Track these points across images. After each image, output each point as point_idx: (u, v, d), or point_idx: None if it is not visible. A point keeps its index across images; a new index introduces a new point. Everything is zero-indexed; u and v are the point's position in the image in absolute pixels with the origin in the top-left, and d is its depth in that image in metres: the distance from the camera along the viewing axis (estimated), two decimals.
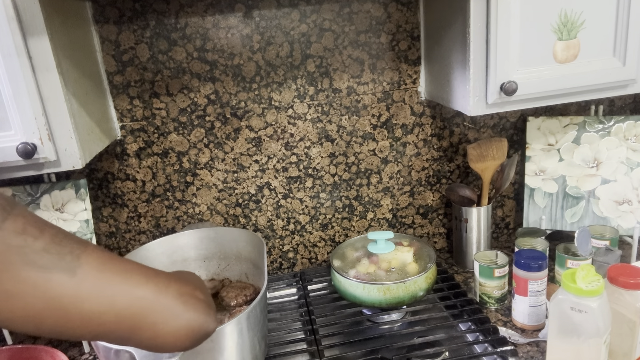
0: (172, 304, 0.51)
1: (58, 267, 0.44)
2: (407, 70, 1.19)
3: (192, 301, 0.53)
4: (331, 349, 0.98)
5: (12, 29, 0.75)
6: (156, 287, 0.50)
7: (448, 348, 0.94)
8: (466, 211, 1.20)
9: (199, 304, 0.54)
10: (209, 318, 0.54)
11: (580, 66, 0.94)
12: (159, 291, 0.50)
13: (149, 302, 0.49)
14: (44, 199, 1.07)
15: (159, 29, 1.07)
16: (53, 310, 0.44)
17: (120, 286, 0.48)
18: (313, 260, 1.31)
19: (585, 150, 1.20)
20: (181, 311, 0.51)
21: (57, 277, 0.44)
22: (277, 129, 1.18)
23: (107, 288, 0.47)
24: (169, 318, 0.50)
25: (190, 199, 1.19)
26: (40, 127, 0.80)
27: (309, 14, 1.11)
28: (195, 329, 0.53)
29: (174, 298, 0.51)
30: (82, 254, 0.46)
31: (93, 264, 0.47)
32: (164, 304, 0.50)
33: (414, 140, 1.25)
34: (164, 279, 0.52)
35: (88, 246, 0.48)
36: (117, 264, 0.49)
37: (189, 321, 0.52)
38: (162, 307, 0.50)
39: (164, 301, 0.50)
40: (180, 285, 0.53)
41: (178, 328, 0.51)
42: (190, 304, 0.53)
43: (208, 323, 0.54)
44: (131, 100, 1.10)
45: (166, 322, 0.50)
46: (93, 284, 0.46)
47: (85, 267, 0.46)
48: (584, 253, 1.03)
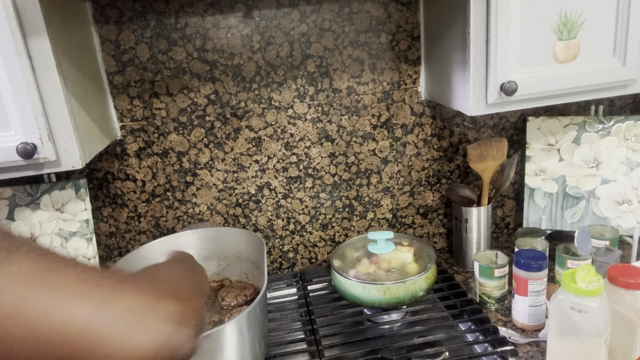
0: (113, 326, 0.39)
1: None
2: (407, 70, 1.19)
3: (148, 320, 0.41)
4: (331, 349, 0.98)
5: (12, 29, 0.75)
6: (95, 303, 0.39)
7: (448, 348, 0.94)
8: (466, 211, 1.20)
9: (159, 322, 0.41)
10: (175, 339, 0.41)
11: (580, 66, 0.94)
12: (97, 309, 0.39)
13: (84, 324, 0.38)
14: (44, 199, 1.07)
15: (159, 29, 1.07)
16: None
17: (49, 303, 0.38)
18: (313, 260, 1.31)
19: (585, 150, 1.20)
20: (129, 334, 0.40)
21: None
22: (277, 129, 1.18)
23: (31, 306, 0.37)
24: (112, 342, 0.39)
25: (190, 199, 1.19)
26: (40, 127, 0.80)
27: (309, 14, 1.11)
28: (151, 354, 0.40)
29: (117, 317, 0.40)
30: (5, 263, 0.38)
31: (16, 275, 0.38)
32: (103, 326, 0.39)
33: (414, 140, 1.25)
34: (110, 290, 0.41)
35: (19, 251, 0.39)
36: (50, 274, 0.39)
37: (140, 345, 0.40)
38: (101, 330, 0.39)
39: (104, 322, 0.39)
40: (133, 297, 0.41)
41: (125, 355, 0.39)
42: (144, 324, 0.40)
43: (172, 345, 0.41)
44: (131, 100, 1.10)
45: (108, 346, 0.39)
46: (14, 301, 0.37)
47: (7, 280, 0.37)
48: (584, 253, 1.03)
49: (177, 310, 0.43)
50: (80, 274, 0.41)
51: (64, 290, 0.39)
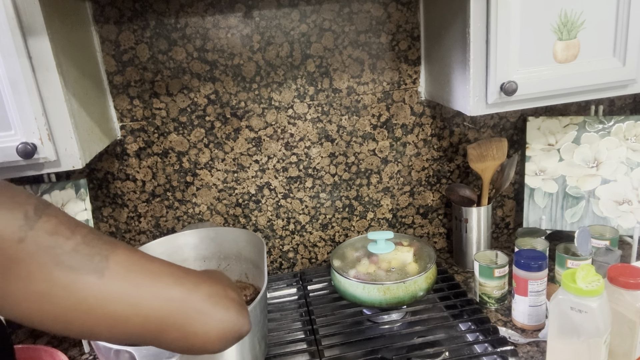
0: (201, 306, 0.49)
1: (86, 269, 0.44)
2: (407, 70, 1.19)
3: (223, 302, 0.51)
4: (331, 349, 0.98)
5: (12, 29, 0.75)
6: (185, 288, 0.49)
7: (448, 348, 0.94)
8: (466, 211, 1.20)
9: (231, 304, 0.52)
10: (241, 318, 0.52)
11: (580, 66, 0.94)
12: (187, 292, 0.49)
13: (178, 305, 0.48)
14: (44, 199, 1.07)
15: (159, 29, 1.07)
16: (81, 312, 0.44)
17: (147, 288, 0.47)
18: (313, 260, 1.31)
19: (585, 150, 1.20)
20: (212, 313, 0.50)
21: (84, 279, 0.43)
22: (277, 129, 1.18)
23: (134, 290, 0.46)
24: (199, 320, 0.49)
25: (190, 199, 1.19)
26: (40, 127, 0.80)
27: (309, 14, 1.11)
28: (227, 331, 0.51)
29: (203, 299, 0.50)
30: (111, 255, 0.46)
31: (121, 266, 0.46)
32: (193, 305, 0.49)
33: (414, 140, 1.25)
34: (194, 279, 0.51)
35: (118, 247, 0.47)
36: (145, 264, 0.48)
37: (220, 322, 0.50)
38: (191, 309, 0.49)
39: (193, 303, 0.49)
40: (210, 285, 0.52)
41: (208, 330, 0.49)
42: (221, 305, 0.51)
43: (241, 324, 0.52)
44: (131, 100, 1.10)
45: (196, 324, 0.49)
46: (120, 286, 0.45)
47: (113, 268, 0.45)
48: (584, 253, 1.03)
49: (237, 297, 0.54)
50: (166, 265, 0.51)
51: (162, 278, 0.49)
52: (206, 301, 0.50)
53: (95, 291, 0.44)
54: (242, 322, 0.52)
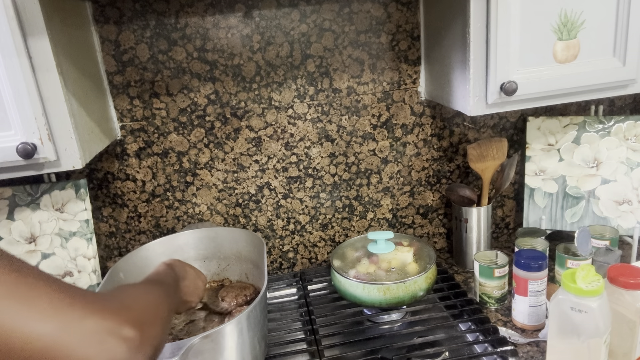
0: (79, 345, 0.42)
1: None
2: (407, 70, 1.19)
3: (110, 341, 0.43)
4: (331, 349, 0.98)
5: (12, 29, 0.75)
6: (61, 322, 0.42)
7: (448, 348, 0.94)
8: (466, 211, 1.20)
9: (120, 343, 0.44)
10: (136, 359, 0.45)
11: (580, 66, 0.94)
12: (64, 327, 0.42)
13: (49, 341, 0.41)
14: (44, 199, 1.07)
15: (159, 29, 1.07)
16: None
17: (18, 318, 0.40)
18: (313, 260, 1.31)
19: (585, 150, 1.20)
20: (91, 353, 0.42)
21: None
22: (277, 129, 1.18)
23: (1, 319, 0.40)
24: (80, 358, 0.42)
25: (190, 199, 1.19)
26: (40, 127, 0.80)
27: (309, 14, 1.11)
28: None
29: (84, 337, 0.42)
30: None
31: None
32: (69, 344, 0.42)
33: (414, 140, 1.25)
34: (80, 310, 0.43)
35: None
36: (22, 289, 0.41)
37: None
38: (65, 347, 0.41)
39: (69, 340, 0.42)
40: (100, 318, 0.44)
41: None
42: (106, 344, 0.43)
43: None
44: (131, 100, 1.10)
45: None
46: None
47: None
48: (584, 253, 1.03)
49: (135, 335, 0.46)
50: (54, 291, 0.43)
51: (35, 306, 0.41)
52: (87, 339, 0.43)
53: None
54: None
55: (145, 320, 0.49)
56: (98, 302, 0.46)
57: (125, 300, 0.51)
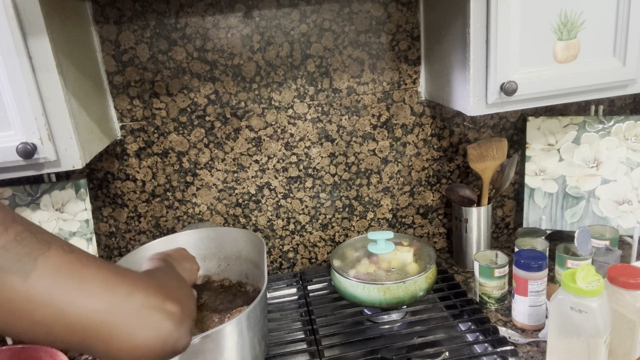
0: (129, 320, 0.46)
1: (12, 269, 0.42)
2: (407, 70, 1.19)
3: (156, 316, 0.47)
4: (331, 349, 0.98)
5: (12, 29, 0.75)
6: (114, 298, 0.46)
7: (448, 348, 0.94)
8: (466, 211, 1.20)
9: (165, 318, 0.48)
10: (175, 334, 0.48)
11: (580, 66, 0.94)
12: (116, 303, 0.46)
13: (103, 316, 0.45)
14: (44, 199, 1.07)
15: (159, 29, 1.07)
16: (6, 313, 0.42)
17: (73, 296, 0.44)
18: (313, 260, 1.31)
19: (585, 150, 1.20)
20: (140, 327, 0.46)
21: (10, 279, 0.42)
22: (277, 129, 1.18)
23: (59, 296, 0.43)
24: (125, 334, 0.45)
25: (190, 199, 1.19)
26: (40, 127, 0.80)
27: (309, 14, 1.11)
28: (156, 347, 0.47)
29: (133, 312, 0.46)
30: (40, 256, 0.43)
31: (49, 268, 0.43)
32: (120, 318, 0.45)
33: (414, 140, 1.25)
34: (127, 287, 0.47)
35: (51, 247, 0.44)
36: (77, 268, 0.45)
37: (148, 339, 0.46)
38: (118, 322, 0.45)
39: (121, 315, 0.45)
40: (146, 296, 0.48)
41: (135, 346, 0.46)
42: (153, 319, 0.47)
43: (175, 339, 0.48)
44: (131, 100, 1.10)
45: (122, 338, 0.45)
46: (44, 291, 0.43)
47: (40, 270, 0.43)
48: (584, 253, 1.03)
49: (177, 310, 0.50)
50: (102, 269, 0.47)
51: (89, 283, 0.45)
52: (136, 314, 0.46)
53: (19, 293, 0.42)
54: (176, 337, 0.49)
55: (182, 297, 0.53)
56: (142, 281, 0.50)
57: (162, 280, 0.55)
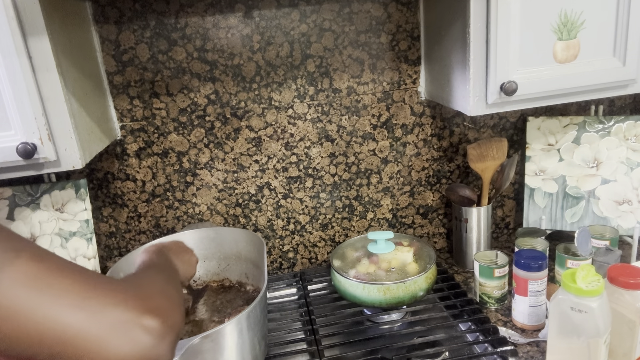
0: (102, 336, 0.43)
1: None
2: (407, 70, 1.19)
3: (133, 332, 0.44)
4: (331, 349, 0.98)
5: (12, 29, 0.75)
6: (85, 313, 0.43)
7: (448, 348, 0.94)
8: (466, 211, 1.20)
9: (143, 333, 0.45)
10: (154, 350, 0.45)
11: (580, 66, 0.94)
12: (88, 318, 0.43)
13: (74, 332, 0.42)
14: (44, 199, 1.07)
15: (159, 29, 1.07)
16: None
17: (42, 309, 0.41)
18: (313, 260, 1.31)
19: (585, 150, 1.20)
20: (115, 344, 0.43)
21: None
22: (277, 129, 1.18)
23: (26, 310, 0.41)
24: (98, 351, 0.43)
25: (190, 199, 1.19)
26: (40, 127, 0.80)
27: (309, 14, 1.11)
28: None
29: (107, 328, 0.43)
30: (7, 267, 0.41)
31: (16, 279, 0.41)
32: (92, 334, 0.43)
33: (414, 140, 1.25)
34: (102, 300, 0.44)
35: (21, 255, 0.42)
36: (47, 280, 0.43)
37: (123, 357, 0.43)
38: (89, 338, 0.42)
39: (93, 331, 0.43)
40: (123, 309, 0.45)
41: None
42: (129, 335, 0.44)
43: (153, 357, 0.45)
44: (131, 100, 1.10)
45: (92, 355, 0.43)
46: (11, 304, 0.40)
47: (6, 281, 0.40)
48: (584, 253, 1.03)
49: (157, 324, 0.46)
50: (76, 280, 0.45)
51: (63, 298, 0.43)
52: (110, 330, 0.44)
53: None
54: (156, 354, 0.45)
55: (165, 308, 0.49)
56: (120, 292, 0.47)
57: (144, 289, 0.51)
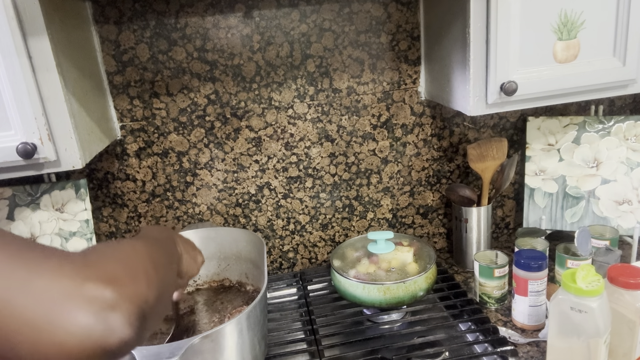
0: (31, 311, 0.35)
1: None
2: (407, 70, 1.19)
3: (69, 303, 0.36)
4: (331, 349, 0.98)
5: (12, 29, 0.75)
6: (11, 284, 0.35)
7: (448, 348, 0.94)
8: (466, 211, 1.20)
9: (82, 304, 0.36)
10: (99, 324, 0.36)
11: (580, 66, 0.94)
12: (14, 290, 0.35)
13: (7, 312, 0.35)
14: (44, 199, 1.07)
15: (159, 29, 1.07)
16: None
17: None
18: (313, 260, 1.31)
19: (585, 150, 1.20)
20: (47, 320, 0.35)
21: None
22: (277, 129, 1.18)
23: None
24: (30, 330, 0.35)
25: (190, 199, 1.19)
26: (40, 127, 0.80)
27: (309, 14, 1.11)
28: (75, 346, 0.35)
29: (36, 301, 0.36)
30: None
31: None
32: (20, 309, 0.35)
33: (414, 140, 1.25)
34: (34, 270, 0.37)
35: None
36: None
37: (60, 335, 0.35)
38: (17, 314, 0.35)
39: (20, 306, 0.35)
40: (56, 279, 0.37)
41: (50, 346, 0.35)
42: (65, 308, 0.36)
43: (98, 334, 0.36)
44: (131, 100, 1.10)
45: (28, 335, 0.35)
46: None
47: None
48: (584, 253, 1.03)
49: (105, 293, 0.38)
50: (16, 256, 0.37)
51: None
52: (40, 304, 0.36)
53: None
54: (103, 329, 0.36)
55: (120, 276, 0.40)
56: (65, 261, 0.39)
57: (98, 256, 0.42)
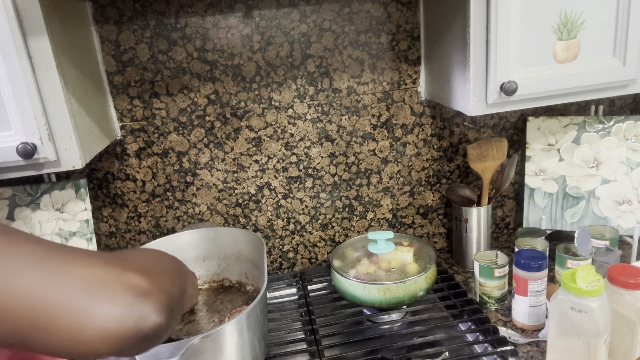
0: (71, 298, 0.36)
1: None
2: (407, 70, 1.19)
3: (108, 290, 0.37)
4: (331, 349, 0.98)
5: (12, 29, 0.75)
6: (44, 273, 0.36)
7: (448, 348, 0.94)
8: (466, 211, 1.20)
9: (123, 292, 0.37)
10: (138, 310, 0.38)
11: (580, 66, 0.94)
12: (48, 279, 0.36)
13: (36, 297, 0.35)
14: (44, 199, 1.07)
15: (159, 29, 1.07)
16: None
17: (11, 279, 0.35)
18: (313, 260, 1.31)
19: (585, 150, 1.20)
20: (93, 306, 0.36)
21: None
22: (277, 129, 1.18)
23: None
24: (69, 317, 0.36)
25: (190, 199, 1.19)
26: (40, 127, 0.80)
27: (309, 14, 1.11)
28: (117, 329, 0.36)
29: (75, 288, 0.36)
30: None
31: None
32: (58, 297, 0.36)
33: (414, 140, 1.25)
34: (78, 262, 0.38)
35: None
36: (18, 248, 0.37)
37: (103, 319, 0.36)
38: (56, 302, 0.35)
39: (59, 294, 0.36)
40: (99, 269, 0.38)
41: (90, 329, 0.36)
42: (104, 295, 0.37)
43: (138, 317, 0.37)
44: (131, 100, 1.10)
45: (67, 322, 0.36)
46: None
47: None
48: (584, 253, 1.03)
49: (142, 281, 0.39)
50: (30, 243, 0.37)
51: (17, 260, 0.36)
52: (79, 291, 0.36)
53: None
54: (139, 314, 0.37)
55: (153, 270, 0.42)
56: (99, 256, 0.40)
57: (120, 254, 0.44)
